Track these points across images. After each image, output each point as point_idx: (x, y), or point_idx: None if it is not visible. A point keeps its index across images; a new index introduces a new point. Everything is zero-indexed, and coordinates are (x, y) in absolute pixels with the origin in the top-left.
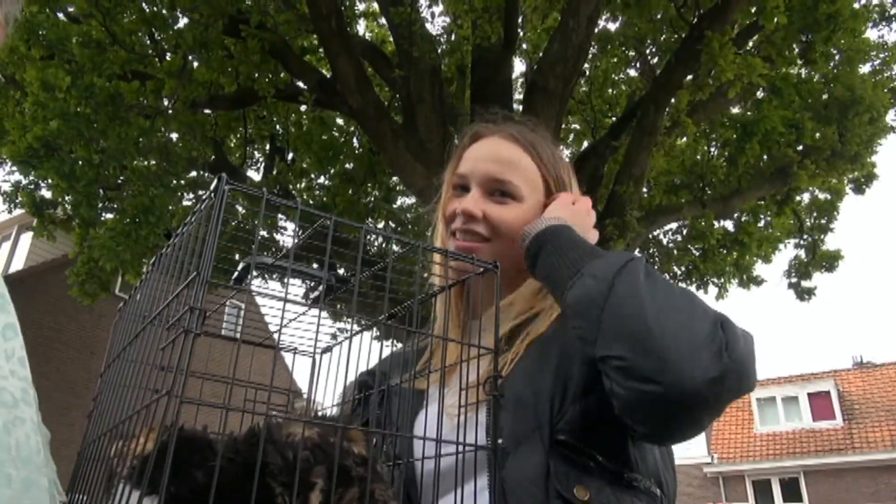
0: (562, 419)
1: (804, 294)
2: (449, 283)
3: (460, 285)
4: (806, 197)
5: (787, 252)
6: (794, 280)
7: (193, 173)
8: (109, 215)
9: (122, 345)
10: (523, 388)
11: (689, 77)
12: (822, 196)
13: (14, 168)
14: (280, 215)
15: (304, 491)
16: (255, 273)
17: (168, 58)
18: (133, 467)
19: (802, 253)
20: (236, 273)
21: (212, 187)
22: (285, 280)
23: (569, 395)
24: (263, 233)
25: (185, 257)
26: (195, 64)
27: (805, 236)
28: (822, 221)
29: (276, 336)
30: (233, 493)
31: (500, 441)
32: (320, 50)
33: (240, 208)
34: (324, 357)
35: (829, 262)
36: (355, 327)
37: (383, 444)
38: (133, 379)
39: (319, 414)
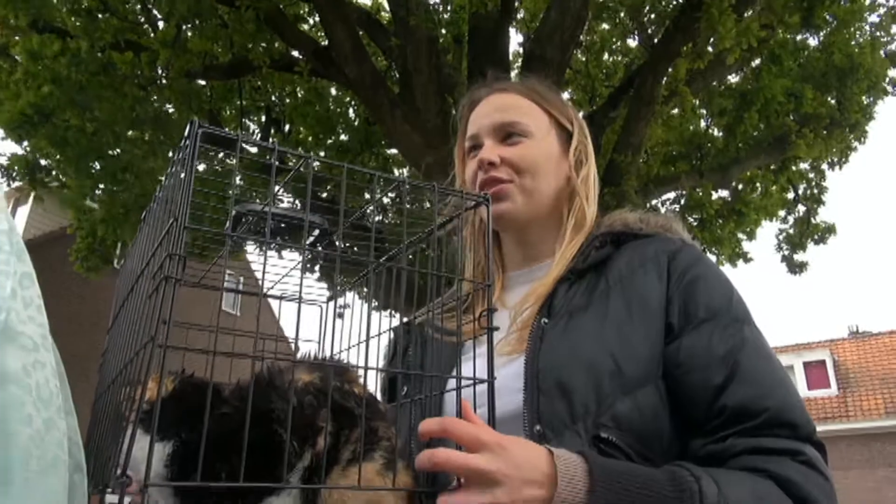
0: (607, 412)
1: (797, 268)
2: (438, 223)
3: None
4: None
5: (780, 225)
6: (786, 253)
7: None
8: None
9: (121, 300)
10: (564, 369)
11: (688, 45)
12: (805, 166)
13: (7, 137)
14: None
15: (312, 435)
16: (243, 220)
17: (161, 27)
18: (136, 413)
19: (794, 227)
20: (228, 224)
21: (186, 132)
22: (274, 226)
23: (621, 382)
24: (258, 201)
25: (166, 207)
26: (189, 34)
27: (799, 206)
28: (815, 192)
29: (264, 285)
30: (240, 439)
31: (537, 428)
32: (316, 18)
33: (239, 180)
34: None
35: (823, 234)
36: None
37: (403, 386)
38: (129, 332)
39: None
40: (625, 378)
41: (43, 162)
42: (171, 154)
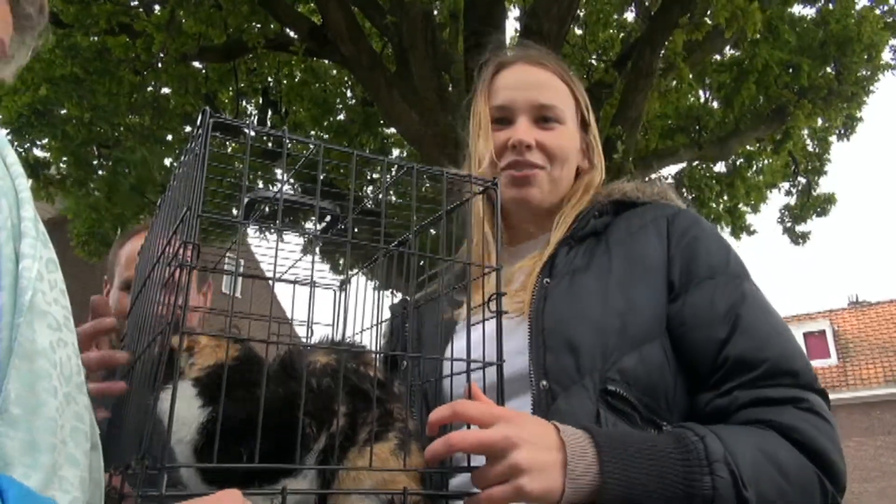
0: (613, 367)
1: (798, 238)
2: (447, 208)
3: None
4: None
5: (781, 198)
6: (788, 224)
7: (188, 129)
8: (102, 172)
9: (139, 285)
10: (570, 326)
11: (685, 17)
12: (810, 141)
13: (9, 134)
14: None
15: (329, 417)
16: (255, 206)
17: (156, 11)
18: (156, 389)
19: (795, 198)
20: (242, 210)
21: (198, 122)
22: (287, 212)
23: (627, 338)
24: (261, 185)
25: (178, 196)
26: (182, 17)
27: (800, 178)
28: (816, 164)
29: (268, 268)
30: (267, 423)
31: (543, 383)
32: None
33: (238, 164)
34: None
35: (823, 205)
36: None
37: (407, 365)
38: (148, 316)
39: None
40: (630, 335)
41: (42, 154)
42: (169, 138)
